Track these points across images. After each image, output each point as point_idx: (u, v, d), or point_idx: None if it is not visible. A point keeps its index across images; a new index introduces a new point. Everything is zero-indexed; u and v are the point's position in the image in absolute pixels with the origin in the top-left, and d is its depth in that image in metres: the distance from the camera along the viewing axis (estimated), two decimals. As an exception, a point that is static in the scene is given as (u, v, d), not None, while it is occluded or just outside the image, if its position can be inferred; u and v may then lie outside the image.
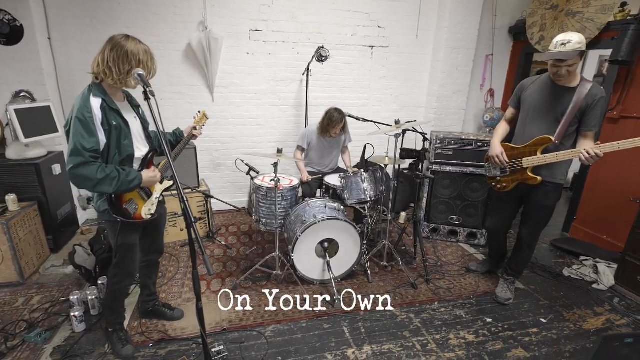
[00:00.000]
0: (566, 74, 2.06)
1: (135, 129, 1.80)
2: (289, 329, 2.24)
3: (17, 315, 2.28)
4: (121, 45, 1.58)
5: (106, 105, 1.62)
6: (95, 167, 1.56)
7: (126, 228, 1.80)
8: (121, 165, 1.70)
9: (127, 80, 1.63)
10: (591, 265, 2.93)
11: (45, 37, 3.15)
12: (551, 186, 2.22)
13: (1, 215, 2.47)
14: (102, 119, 1.60)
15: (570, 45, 1.97)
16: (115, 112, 1.67)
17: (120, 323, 2.06)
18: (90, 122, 1.55)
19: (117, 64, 1.58)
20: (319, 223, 2.51)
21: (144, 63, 1.63)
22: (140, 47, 1.62)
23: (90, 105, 1.57)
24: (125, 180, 1.64)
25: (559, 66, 2.05)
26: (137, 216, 1.80)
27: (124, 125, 1.70)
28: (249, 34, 3.64)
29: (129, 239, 1.86)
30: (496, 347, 2.13)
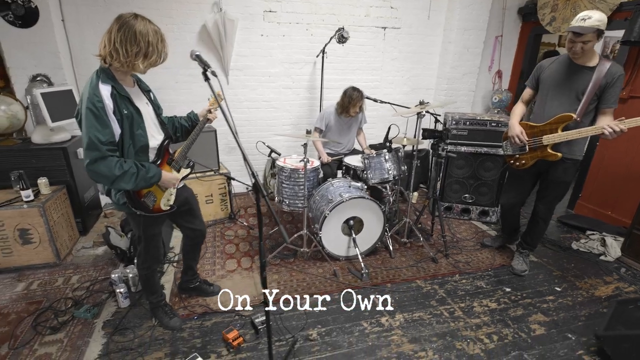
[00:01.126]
0: (580, 51, 2.12)
1: (148, 115, 1.71)
2: (323, 300, 2.37)
3: (61, 293, 2.36)
4: (129, 25, 1.45)
5: (116, 92, 1.52)
6: (114, 161, 1.50)
7: (148, 220, 1.79)
8: (136, 156, 1.63)
9: (134, 64, 1.51)
10: (598, 239, 3.11)
11: (59, 19, 3.10)
12: (570, 162, 2.34)
13: (35, 198, 2.51)
14: (113, 108, 1.51)
15: (589, 22, 2.04)
16: (126, 100, 1.57)
17: (162, 299, 2.15)
18: (102, 112, 1.46)
19: (124, 46, 1.46)
20: (346, 201, 2.61)
21: (154, 45, 1.51)
22: (149, 28, 1.50)
23: (100, 93, 1.47)
24: (144, 177, 1.59)
25: (574, 41, 2.11)
26: (156, 208, 1.77)
27: (136, 113, 1.60)
28: (263, 15, 3.62)
29: (152, 229, 1.87)
30: (517, 313, 2.30)
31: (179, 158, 1.86)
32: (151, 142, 1.71)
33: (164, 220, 1.96)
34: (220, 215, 3.45)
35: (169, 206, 1.85)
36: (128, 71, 1.60)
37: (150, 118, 1.74)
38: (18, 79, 3.02)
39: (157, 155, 1.77)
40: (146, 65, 1.56)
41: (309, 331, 2.10)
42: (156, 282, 2.10)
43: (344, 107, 3.15)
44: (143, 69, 1.57)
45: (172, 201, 1.86)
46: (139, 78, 1.80)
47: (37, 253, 2.57)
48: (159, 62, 1.61)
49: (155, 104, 1.82)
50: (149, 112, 1.73)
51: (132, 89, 1.67)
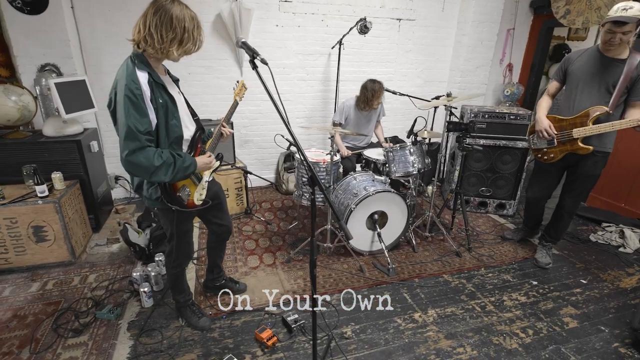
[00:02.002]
0: (618, 42, 2.09)
1: (182, 105, 1.64)
2: (352, 297, 2.32)
3: (79, 293, 2.27)
4: (166, 9, 1.38)
5: (152, 80, 1.46)
6: (152, 152, 1.43)
7: (182, 215, 1.72)
8: (170, 148, 1.56)
9: (169, 51, 1.45)
10: (617, 231, 3.13)
11: (69, 6, 2.96)
12: (600, 155, 2.33)
13: (50, 193, 2.40)
14: (150, 96, 1.44)
15: (631, 11, 2.00)
16: (162, 88, 1.51)
17: (190, 298, 2.08)
18: (140, 100, 1.40)
19: (159, 31, 1.39)
20: (372, 195, 2.56)
21: (189, 32, 1.45)
22: (187, 13, 1.43)
23: (137, 79, 1.40)
24: (181, 166, 1.51)
25: (614, 32, 2.07)
26: (190, 203, 1.70)
27: (171, 102, 1.54)
28: (279, 5, 3.52)
29: (185, 225, 1.81)
30: (548, 306, 2.29)
31: (210, 150, 1.79)
32: (185, 133, 1.64)
33: (195, 215, 1.89)
34: (236, 210, 3.37)
35: (202, 200, 1.77)
36: (162, 58, 1.52)
37: (183, 108, 1.67)
38: (26, 69, 2.88)
39: (189, 147, 1.70)
40: (180, 53, 1.49)
41: (343, 329, 2.05)
42: (185, 281, 2.03)
43: (367, 100, 3.11)
44: (177, 56, 1.49)
45: (204, 195, 1.79)
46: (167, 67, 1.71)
47: (51, 251, 2.47)
48: (193, 50, 1.54)
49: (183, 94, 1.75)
50: (181, 102, 1.67)
51: (165, 77, 1.60)
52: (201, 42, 1.55)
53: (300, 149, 1.37)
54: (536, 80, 4.69)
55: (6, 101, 2.47)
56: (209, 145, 1.81)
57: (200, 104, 3.61)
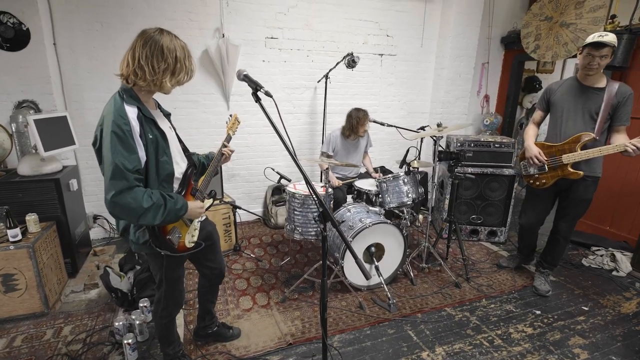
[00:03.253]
0: (597, 66, 2.20)
1: (173, 141, 1.56)
2: (354, 337, 2.18)
3: (52, 349, 2.03)
4: (155, 40, 1.35)
5: (142, 114, 1.39)
6: (141, 192, 1.33)
7: (172, 260, 1.58)
8: (160, 187, 1.46)
9: (162, 82, 1.39)
10: (608, 255, 3.16)
11: (51, 43, 2.90)
12: (591, 180, 2.39)
13: (23, 237, 2.20)
14: (139, 131, 1.36)
15: (607, 38, 2.14)
16: (152, 123, 1.43)
17: (180, 349, 1.89)
18: (129, 136, 1.32)
19: (150, 62, 1.34)
20: (368, 227, 2.50)
21: (181, 61, 1.41)
22: (177, 43, 1.40)
23: (126, 114, 1.33)
24: (172, 208, 1.40)
25: (593, 55, 2.18)
26: (181, 246, 1.57)
27: (161, 137, 1.45)
28: (265, 42, 3.60)
29: (176, 271, 1.67)
30: (555, 337, 2.22)
31: (203, 188, 1.69)
32: (176, 170, 1.54)
33: (186, 259, 1.75)
34: (224, 247, 3.21)
35: (194, 243, 1.64)
36: (154, 90, 1.46)
37: (174, 144, 1.58)
38: (2, 105, 2.75)
39: (181, 185, 1.58)
40: (173, 84, 1.44)
41: (348, 373, 1.91)
42: (174, 331, 1.85)
43: (352, 127, 3.18)
44: (170, 87, 1.44)
45: (197, 237, 1.66)
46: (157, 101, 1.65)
47: (21, 302, 2.23)
48: (185, 79, 1.49)
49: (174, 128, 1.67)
50: (173, 137, 1.58)
51: (155, 112, 1.53)
52: (192, 71, 1.51)
53: (309, 182, 1.32)
54: (512, 110, 4.92)
55: (-21, 140, 2.32)
56: (202, 182, 1.70)
57: (187, 139, 3.40)
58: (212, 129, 3.59)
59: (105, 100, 1.44)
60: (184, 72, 1.45)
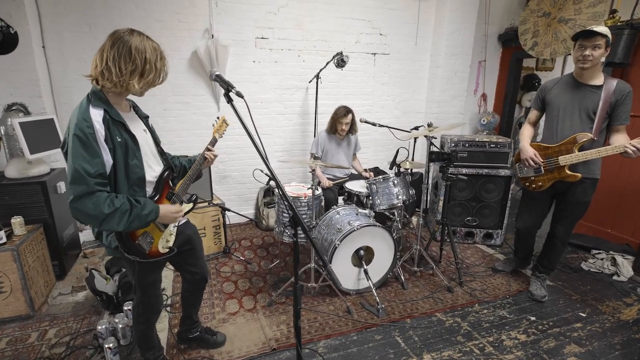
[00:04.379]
0: (590, 57, 2.09)
1: (146, 144, 1.52)
2: (341, 343, 2.13)
3: (35, 352, 2.01)
4: (124, 40, 1.31)
5: (109, 117, 1.34)
6: (103, 197, 1.28)
7: (144, 266, 1.55)
8: (131, 191, 1.42)
9: (129, 84, 1.34)
10: (608, 258, 3.06)
11: (40, 46, 2.89)
12: (589, 182, 2.30)
13: (8, 240, 2.19)
14: (105, 135, 1.31)
15: (599, 28, 2.06)
16: (120, 125, 1.38)
17: (161, 354, 1.86)
18: (91, 139, 1.27)
19: (117, 64, 1.30)
20: (357, 230, 2.44)
21: (151, 63, 1.36)
22: (147, 44, 1.35)
23: (90, 118, 1.29)
24: (139, 214, 1.36)
25: (585, 46, 2.09)
26: (153, 252, 1.52)
27: (131, 141, 1.41)
28: (255, 42, 3.56)
29: (150, 276, 1.62)
30: (550, 345, 2.15)
31: (180, 192, 1.63)
32: (148, 174, 1.49)
33: (164, 264, 1.71)
34: (213, 249, 3.18)
35: (168, 248, 1.59)
36: (122, 92, 1.41)
37: (148, 147, 1.54)
38: (-10, 109, 2.75)
39: (155, 190, 1.54)
40: (142, 85, 1.38)
41: (330, 381, 1.86)
42: (153, 336, 1.82)
43: (332, 124, 3.21)
44: (139, 89, 1.38)
45: (172, 242, 1.61)
46: (135, 104, 1.62)
47: (6, 304, 2.22)
48: (157, 82, 1.44)
49: (152, 131, 1.63)
50: (146, 140, 1.53)
51: (127, 114, 1.48)
52: (166, 73, 1.46)
53: (280, 186, 1.28)
54: (510, 109, 4.82)
55: (-37, 143, 2.32)
56: (179, 186, 1.64)
57: (177, 140, 3.52)
58: (203, 131, 3.57)
59: None
60: (155, 73, 1.39)
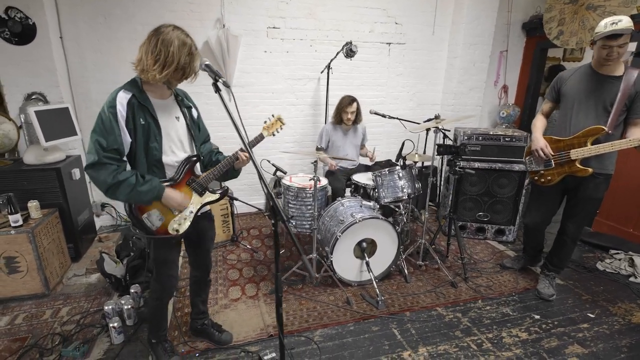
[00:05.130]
0: (616, 55, 2.01)
1: (173, 130, 1.59)
2: (337, 332, 2.15)
3: (48, 328, 2.14)
4: (157, 33, 1.41)
5: (136, 100, 1.46)
6: (109, 170, 1.42)
7: (158, 242, 1.64)
8: (150, 170, 1.54)
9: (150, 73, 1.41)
10: (626, 259, 2.92)
11: (57, 37, 3.00)
12: (602, 177, 2.20)
13: (25, 223, 2.33)
14: (126, 116, 1.44)
15: (622, 24, 1.94)
16: (145, 110, 1.49)
17: (164, 334, 1.93)
18: (112, 118, 1.42)
19: (147, 54, 1.42)
20: (359, 222, 2.43)
21: (174, 56, 1.40)
22: (176, 37, 1.41)
23: (116, 100, 1.43)
24: (138, 190, 1.46)
25: (610, 46, 1.99)
26: (161, 231, 1.59)
27: (154, 125, 1.51)
28: (267, 32, 3.55)
29: (163, 253, 1.69)
30: (552, 345, 2.09)
31: (203, 181, 1.67)
32: (167, 157, 1.58)
33: (179, 245, 1.79)
34: (222, 237, 3.25)
35: (176, 232, 1.63)
36: (148, 80, 1.47)
37: (175, 133, 1.60)
38: (12, 97, 2.88)
39: (176, 174, 1.62)
40: (164, 76, 1.43)
41: (323, 369, 1.88)
42: (164, 318, 1.90)
43: (337, 114, 3.21)
44: (159, 79, 1.43)
45: (184, 228, 1.65)
46: (184, 92, 1.69)
47: (24, 283, 2.37)
48: (180, 76, 1.48)
49: (193, 121, 1.69)
50: (174, 127, 1.60)
51: (162, 101, 1.57)
52: (192, 69, 1.49)
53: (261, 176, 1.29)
54: (532, 102, 4.61)
55: (-13, 130, 2.46)
56: (205, 176, 1.67)
57: None
58: (215, 120, 3.60)
59: (109, 91, 1.50)
60: (175, 67, 1.42)
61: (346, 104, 3.12)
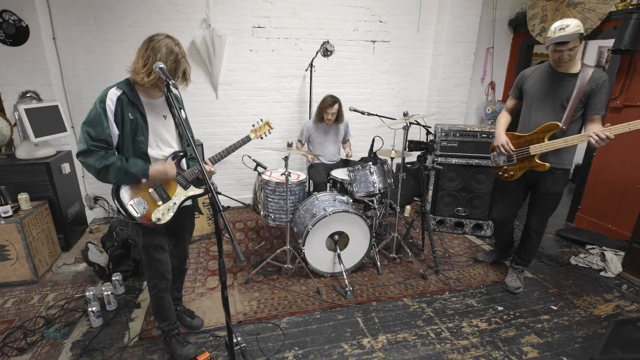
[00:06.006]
0: (568, 58, 2.09)
1: (162, 127, 1.72)
2: (303, 320, 2.26)
3: (34, 312, 2.30)
4: (151, 40, 1.58)
5: (125, 97, 1.60)
6: (97, 155, 1.57)
7: (145, 229, 1.75)
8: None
9: (138, 75, 1.55)
10: (598, 254, 2.97)
11: (50, 38, 3.15)
12: (560, 172, 2.26)
13: (15, 214, 2.48)
14: (115, 111, 1.58)
15: (569, 29, 2.01)
16: (134, 106, 1.62)
17: (176, 327, 2.00)
18: (102, 112, 1.56)
19: (138, 58, 1.58)
20: (329, 216, 2.53)
21: (162, 60, 1.54)
22: (165, 45, 1.56)
23: (106, 96, 1.58)
24: (127, 171, 1.60)
25: (560, 50, 2.07)
26: (145, 218, 1.69)
27: (142, 120, 1.64)
28: (252, 31, 3.66)
29: (149, 239, 1.78)
30: (509, 334, 2.16)
31: (188, 175, 1.78)
32: (152, 151, 1.70)
33: (165, 232, 1.85)
34: (207, 230, 3.39)
35: (158, 221, 1.73)
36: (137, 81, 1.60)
37: (164, 129, 1.73)
38: (8, 96, 3.05)
39: None
40: (151, 79, 1.55)
41: (285, 354, 1.99)
42: (167, 307, 1.93)
43: (319, 113, 3.28)
44: (147, 81, 1.56)
45: (169, 217, 1.75)
46: (175, 95, 1.72)
47: (14, 270, 2.53)
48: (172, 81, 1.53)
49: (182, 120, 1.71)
50: (163, 124, 1.73)
51: (152, 100, 1.69)
52: (179, 75, 1.63)
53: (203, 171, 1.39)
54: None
55: (-19, 127, 2.62)
56: (188, 171, 1.78)
57: None
58: (202, 117, 3.75)
59: (100, 90, 1.63)
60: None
61: (327, 105, 3.18)
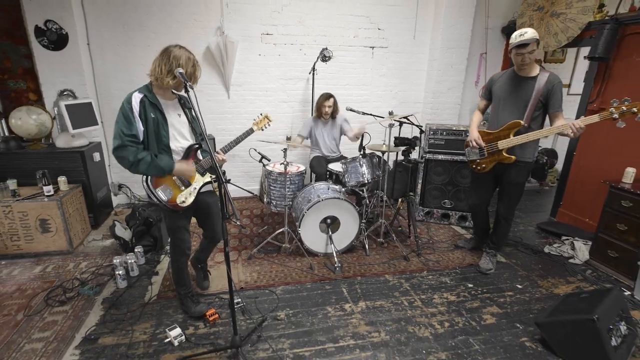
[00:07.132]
0: (528, 60, 2.41)
1: (178, 123, 2.02)
2: (296, 288, 2.63)
3: (71, 275, 2.74)
4: (169, 50, 1.86)
5: (146, 99, 1.89)
6: (130, 151, 1.85)
7: (169, 212, 2.07)
8: (160, 153, 1.96)
9: (164, 80, 1.84)
10: (569, 243, 3.24)
11: (85, 43, 3.62)
12: (522, 165, 2.58)
13: (55, 193, 2.94)
14: (139, 111, 1.87)
15: (527, 35, 2.35)
16: (154, 107, 1.91)
17: (190, 291, 2.36)
18: (129, 112, 1.85)
19: (160, 65, 1.85)
20: (322, 201, 2.90)
21: (183, 67, 1.84)
22: (184, 54, 1.87)
23: (131, 99, 1.87)
24: (156, 165, 1.90)
25: (522, 53, 2.40)
26: (171, 202, 2.01)
27: (162, 118, 1.94)
28: (261, 38, 4.05)
29: (175, 222, 2.13)
30: (474, 305, 2.48)
31: (204, 163, 2.14)
32: (172, 143, 2.00)
33: (188, 215, 2.20)
34: (216, 215, 3.79)
35: (183, 204, 2.04)
36: (161, 86, 1.90)
37: (180, 125, 2.05)
38: (48, 93, 3.53)
39: (183, 157, 2.07)
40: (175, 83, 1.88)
41: (278, 312, 2.36)
42: (185, 276, 2.30)
43: (317, 108, 3.65)
44: (172, 85, 1.88)
45: (191, 200, 2.07)
46: (186, 97, 1.99)
47: (53, 241, 2.98)
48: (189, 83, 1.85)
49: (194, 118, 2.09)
50: (179, 121, 2.05)
51: (168, 102, 2.00)
52: (196, 78, 1.95)
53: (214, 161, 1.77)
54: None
55: (28, 119, 3.09)
56: (203, 161, 2.14)
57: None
58: (215, 115, 4.17)
59: (127, 89, 1.98)
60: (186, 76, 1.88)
61: (324, 100, 3.57)
